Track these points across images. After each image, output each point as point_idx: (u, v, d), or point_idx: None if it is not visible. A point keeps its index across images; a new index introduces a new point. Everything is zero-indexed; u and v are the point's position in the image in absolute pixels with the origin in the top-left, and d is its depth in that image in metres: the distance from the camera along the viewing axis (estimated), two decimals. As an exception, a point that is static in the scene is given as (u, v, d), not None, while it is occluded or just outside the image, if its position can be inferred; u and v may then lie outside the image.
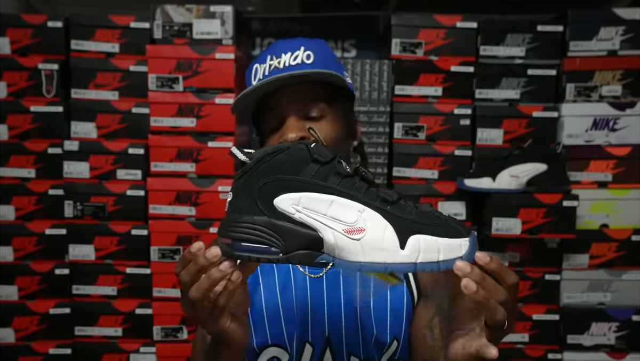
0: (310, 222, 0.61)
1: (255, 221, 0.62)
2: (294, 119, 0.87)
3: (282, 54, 0.87)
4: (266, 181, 0.62)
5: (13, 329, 1.81)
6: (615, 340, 1.77)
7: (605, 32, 1.76)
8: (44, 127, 1.81)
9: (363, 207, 0.61)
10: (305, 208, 0.61)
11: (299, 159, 0.63)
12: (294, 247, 0.61)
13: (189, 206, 1.78)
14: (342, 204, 0.61)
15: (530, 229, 1.70)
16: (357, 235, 0.60)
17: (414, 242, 0.59)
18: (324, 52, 0.90)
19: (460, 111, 1.80)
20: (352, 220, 0.60)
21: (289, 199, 0.61)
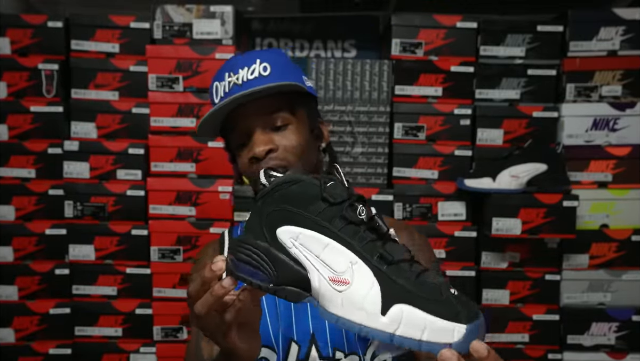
0: (302, 260, 0.59)
1: (257, 245, 0.62)
2: (260, 132, 0.88)
3: (239, 69, 0.89)
4: (275, 209, 0.61)
5: (13, 329, 1.81)
6: (615, 340, 1.77)
7: (605, 32, 1.76)
8: (44, 127, 1.81)
9: (357, 259, 0.57)
10: (301, 244, 0.59)
11: (310, 194, 0.60)
12: (284, 281, 0.60)
13: (189, 206, 1.78)
14: (336, 250, 0.57)
15: (530, 229, 1.70)
16: (341, 286, 0.56)
17: (397, 311, 0.53)
18: (280, 60, 0.92)
19: (460, 111, 1.80)
20: (341, 269, 0.57)
21: (289, 232, 0.60)
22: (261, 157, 0.86)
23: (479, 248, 1.80)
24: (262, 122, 0.89)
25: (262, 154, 0.86)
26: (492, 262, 1.79)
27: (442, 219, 1.79)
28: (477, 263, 1.81)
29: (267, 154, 0.87)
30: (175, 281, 1.79)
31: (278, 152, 0.87)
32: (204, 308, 0.62)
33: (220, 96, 0.90)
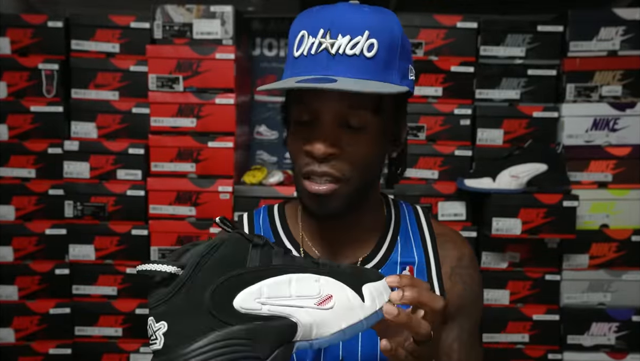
0: (280, 310, 0.55)
1: (219, 337, 0.52)
2: (330, 125, 0.73)
3: (339, 34, 0.70)
4: (216, 284, 0.53)
5: (13, 329, 1.80)
6: (616, 340, 1.77)
7: (605, 32, 1.76)
8: (44, 127, 1.81)
9: (317, 276, 0.58)
10: (269, 298, 0.55)
11: (240, 249, 0.56)
12: (271, 348, 0.54)
13: (189, 206, 1.78)
14: (300, 279, 0.57)
15: (530, 229, 1.70)
16: (329, 303, 0.57)
17: (367, 292, 0.59)
18: (391, 41, 0.73)
19: (461, 111, 1.80)
20: (316, 291, 0.57)
21: (250, 295, 0.54)
22: (318, 158, 0.72)
23: (479, 248, 1.80)
24: (336, 113, 0.72)
25: (321, 156, 0.72)
26: (492, 262, 1.79)
27: (442, 219, 1.79)
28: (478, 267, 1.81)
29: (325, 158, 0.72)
30: (175, 281, 1.78)
31: (338, 160, 0.73)
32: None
33: (302, 53, 0.72)
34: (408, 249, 0.86)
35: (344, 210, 0.77)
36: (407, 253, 0.86)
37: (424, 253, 0.86)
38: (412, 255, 0.86)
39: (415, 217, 0.90)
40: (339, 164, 0.73)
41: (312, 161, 0.73)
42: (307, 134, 0.74)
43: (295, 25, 0.76)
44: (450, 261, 0.87)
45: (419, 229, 0.89)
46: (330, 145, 0.72)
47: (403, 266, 0.84)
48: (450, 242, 0.88)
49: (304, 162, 0.74)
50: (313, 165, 0.73)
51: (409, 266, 0.85)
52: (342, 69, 0.70)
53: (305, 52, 0.72)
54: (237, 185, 1.80)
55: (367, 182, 0.79)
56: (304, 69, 0.72)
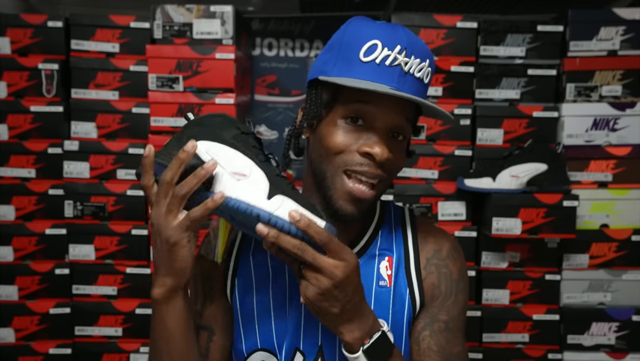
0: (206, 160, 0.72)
1: (172, 145, 0.76)
2: (387, 133, 0.79)
3: (413, 56, 0.77)
4: (199, 129, 0.76)
5: (13, 329, 1.80)
6: (616, 340, 1.77)
7: (605, 32, 1.76)
8: (44, 127, 1.81)
9: (256, 166, 0.74)
10: (215, 154, 0.73)
11: (229, 124, 0.77)
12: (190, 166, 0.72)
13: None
14: (241, 158, 0.74)
15: (530, 229, 1.70)
16: (239, 177, 0.72)
17: (279, 199, 0.71)
18: (434, 69, 0.84)
19: (461, 111, 1.80)
20: (241, 166, 0.73)
21: (204, 145, 0.74)
22: (380, 162, 0.77)
23: (479, 248, 1.80)
24: (393, 124, 0.79)
25: (382, 159, 0.77)
26: (492, 262, 1.79)
27: (442, 219, 1.79)
28: (477, 262, 1.81)
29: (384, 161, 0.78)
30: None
31: (387, 166, 0.79)
32: (186, 189, 0.70)
33: (375, 60, 0.76)
34: (388, 243, 0.90)
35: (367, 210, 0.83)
36: (387, 246, 0.89)
37: (403, 248, 0.89)
38: (391, 248, 0.89)
39: (401, 216, 0.94)
40: (388, 168, 0.80)
41: (369, 163, 0.78)
42: (359, 135, 0.79)
43: (361, 29, 0.81)
44: (426, 253, 0.90)
45: (402, 226, 0.92)
46: (389, 152, 0.78)
47: (381, 258, 0.88)
48: (430, 237, 0.91)
49: (355, 160, 0.78)
50: (369, 167, 0.78)
51: (388, 257, 0.88)
52: (409, 86, 0.78)
53: (379, 60, 0.77)
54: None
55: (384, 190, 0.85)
56: (376, 76, 0.77)
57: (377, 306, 0.85)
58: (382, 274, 0.87)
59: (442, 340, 0.85)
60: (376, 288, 0.86)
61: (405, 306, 0.86)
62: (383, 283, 0.86)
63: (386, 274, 0.87)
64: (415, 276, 0.88)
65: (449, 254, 0.91)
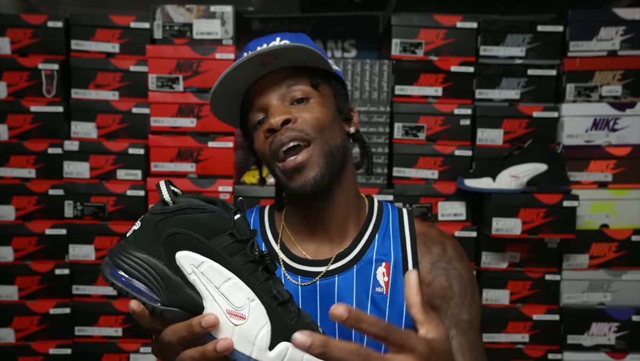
0: (200, 288, 0.61)
1: (150, 263, 0.61)
2: (277, 104, 0.82)
3: (257, 47, 0.83)
4: (178, 231, 0.62)
5: (13, 329, 1.80)
6: (616, 340, 1.77)
7: (605, 32, 1.76)
8: (44, 127, 1.81)
9: (254, 296, 0.61)
10: (202, 273, 0.61)
11: (219, 226, 0.63)
12: (174, 303, 0.61)
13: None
14: (237, 285, 0.61)
15: (530, 229, 1.70)
16: (237, 321, 0.60)
17: (283, 348, 0.60)
18: (303, 40, 0.86)
19: (460, 111, 1.80)
20: (239, 305, 0.61)
21: (190, 258, 0.61)
22: (277, 127, 0.80)
23: (479, 248, 1.80)
24: (279, 95, 0.83)
25: (278, 124, 0.80)
26: (492, 262, 1.79)
27: (442, 219, 1.79)
28: (477, 263, 1.81)
29: (283, 124, 0.80)
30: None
31: (296, 123, 0.81)
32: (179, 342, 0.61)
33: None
34: (385, 247, 0.88)
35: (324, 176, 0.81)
36: (383, 250, 0.87)
37: (401, 251, 0.87)
38: (388, 252, 0.87)
39: (399, 217, 0.92)
40: (298, 126, 0.80)
41: (276, 136, 0.80)
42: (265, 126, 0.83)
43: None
44: (429, 257, 0.88)
45: (400, 229, 0.90)
46: (282, 113, 0.80)
47: (378, 263, 0.86)
48: (430, 240, 0.90)
49: (268, 144, 0.82)
50: (276, 138, 0.80)
51: (385, 263, 0.86)
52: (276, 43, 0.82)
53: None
54: (237, 185, 1.80)
55: (334, 149, 0.83)
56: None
57: (372, 313, 0.83)
58: (378, 281, 0.85)
59: (474, 339, 0.85)
60: (372, 294, 0.85)
61: (404, 313, 0.84)
62: (380, 289, 0.85)
63: (383, 281, 0.85)
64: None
65: (454, 255, 0.90)
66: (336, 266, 0.86)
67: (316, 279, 0.85)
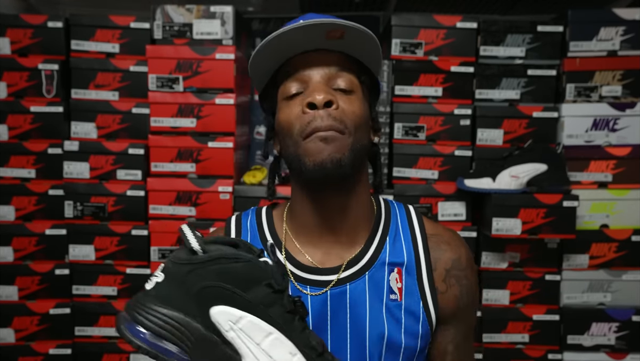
0: (239, 346, 0.55)
1: (181, 320, 0.55)
2: (322, 82, 0.77)
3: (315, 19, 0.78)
4: (211, 284, 0.56)
5: (13, 329, 1.81)
6: (616, 340, 1.77)
7: (605, 32, 1.76)
8: (44, 128, 1.81)
9: (296, 350, 0.57)
10: (241, 329, 0.56)
11: (254, 276, 0.57)
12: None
13: (189, 207, 1.78)
14: (279, 340, 0.56)
15: (530, 229, 1.70)
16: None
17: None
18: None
19: (460, 111, 1.80)
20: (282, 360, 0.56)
21: (228, 314, 0.56)
22: (320, 105, 0.75)
23: (479, 248, 1.80)
24: (326, 75, 0.78)
25: (321, 102, 0.74)
26: (492, 262, 1.79)
27: (442, 219, 1.79)
28: (477, 263, 1.81)
29: (326, 105, 0.75)
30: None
31: (338, 110, 0.76)
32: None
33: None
34: (397, 249, 0.84)
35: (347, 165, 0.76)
36: (396, 253, 0.84)
37: (414, 253, 0.84)
38: (401, 255, 0.84)
39: (407, 217, 0.89)
40: (339, 115, 0.75)
41: (315, 117, 0.75)
42: (301, 99, 0.77)
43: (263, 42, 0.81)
44: (444, 263, 0.85)
45: (410, 229, 0.87)
46: (327, 93, 0.75)
47: (391, 268, 0.82)
48: (444, 243, 0.87)
49: (305, 121, 0.76)
50: (316, 121, 0.75)
51: (397, 268, 0.83)
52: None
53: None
54: (237, 185, 1.80)
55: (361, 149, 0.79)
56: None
57: (388, 322, 0.80)
58: (392, 287, 0.82)
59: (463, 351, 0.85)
60: (387, 301, 0.81)
61: (420, 320, 0.81)
62: (394, 296, 0.81)
63: (396, 287, 0.82)
64: (428, 287, 0.83)
65: (468, 264, 0.87)
66: (347, 274, 0.81)
67: (327, 289, 0.80)
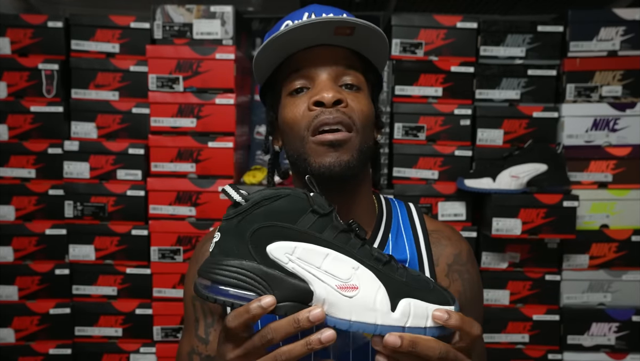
0: (302, 273, 0.59)
1: (245, 266, 0.60)
2: (329, 80, 0.76)
3: (323, 13, 0.77)
4: (261, 226, 0.60)
5: (13, 329, 1.81)
6: (616, 341, 1.77)
7: (605, 32, 1.76)
8: (44, 127, 1.81)
9: (358, 264, 0.60)
10: (299, 258, 0.59)
11: (298, 207, 0.61)
12: (281, 297, 0.59)
13: (189, 206, 1.78)
14: (337, 258, 0.59)
15: (530, 229, 1.70)
16: (350, 293, 0.58)
17: (405, 305, 0.58)
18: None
19: (461, 111, 1.80)
20: (346, 276, 0.59)
21: (283, 248, 0.60)
22: (329, 104, 0.74)
23: (479, 248, 1.80)
24: (333, 72, 0.77)
25: (330, 101, 0.74)
26: (492, 262, 1.79)
27: (442, 219, 1.79)
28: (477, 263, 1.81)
29: (335, 104, 0.74)
30: (175, 281, 1.79)
31: (347, 108, 0.75)
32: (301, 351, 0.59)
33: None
34: (399, 246, 0.85)
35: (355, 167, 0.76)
36: (398, 250, 0.85)
37: (416, 249, 0.85)
38: (403, 252, 0.85)
39: (408, 213, 0.90)
40: (348, 111, 0.75)
41: (323, 111, 0.74)
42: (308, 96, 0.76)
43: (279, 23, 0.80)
44: (446, 258, 0.86)
45: (411, 225, 0.88)
46: (336, 92, 0.74)
47: None
48: (445, 238, 0.88)
49: (311, 117, 0.75)
50: (324, 115, 0.74)
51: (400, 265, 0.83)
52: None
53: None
54: (237, 185, 1.80)
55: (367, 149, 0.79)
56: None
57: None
58: None
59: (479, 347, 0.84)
60: None
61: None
62: None
63: None
64: None
65: (469, 258, 0.88)
66: None
67: None
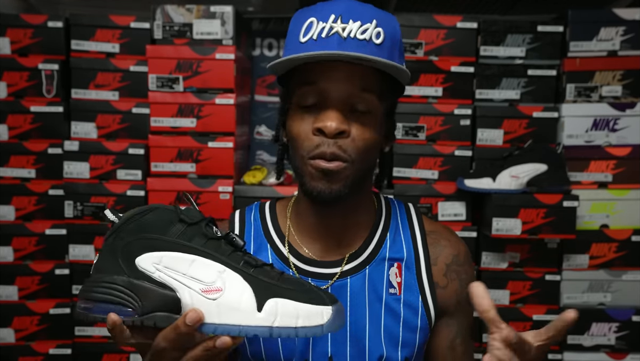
0: (169, 281, 0.60)
1: (114, 280, 0.61)
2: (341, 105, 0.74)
3: (351, 20, 0.73)
4: (131, 240, 0.62)
5: (13, 329, 1.80)
6: (616, 341, 1.77)
7: (605, 32, 1.76)
8: (44, 127, 1.81)
9: (224, 267, 0.60)
10: (166, 267, 0.60)
11: (166, 219, 0.62)
12: (150, 308, 0.60)
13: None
14: (204, 264, 0.60)
15: (530, 229, 1.70)
16: (214, 295, 0.59)
17: (272, 305, 0.58)
18: (395, 35, 0.77)
19: (461, 111, 1.80)
20: (211, 280, 0.59)
21: (150, 258, 0.61)
22: (330, 135, 0.73)
23: (479, 248, 1.80)
24: (346, 91, 0.74)
25: (332, 133, 0.73)
26: (492, 262, 1.79)
27: (442, 219, 1.79)
28: (477, 263, 1.81)
29: (337, 135, 0.73)
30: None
31: (347, 140, 0.74)
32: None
33: (312, 37, 0.74)
34: (397, 245, 0.86)
35: (346, 194, 0.77)
36: (395, 249, 0.86)
37: (413, 249, 0.86)
38: (401, 251, 0.86)
39: (406, 213, 0.90)
40: (346, 145, 0.75)
41: (323, 142, 0.74)
42: (315, 115, 0.75)
43: (301, 14, 0.78)
44: (444, 258, 0.88)
45: (410, 225, 0.89)
46: (341, 122, 0.73)
47: (391, 263, 0.85)
48: (444, 239, 0.89)
49: (313, 143, 0.75)
50: (323, 146, 0.74)
51: (397, 263, 0.85)
52: (350, 50, 0.72)
53: (315, 36, 0.73)
54: (237, 185, 1.80)
55: (366, 170, 0.80)
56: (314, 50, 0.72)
57: (387, 315, 0.82)
58: (391, 282, 0.84)
59: (468, 342, 0.87)
60: (386, 296, 0.83)
61: (419, 315, 0.83)
62: (393, 290, 0.83)
63: (396, 282, 0.84)
64: (427, 282, 0.85)
65: (466, 259, 0.90)
66: (348, 268, 0.83)
67: (333, 282, 0.82)
